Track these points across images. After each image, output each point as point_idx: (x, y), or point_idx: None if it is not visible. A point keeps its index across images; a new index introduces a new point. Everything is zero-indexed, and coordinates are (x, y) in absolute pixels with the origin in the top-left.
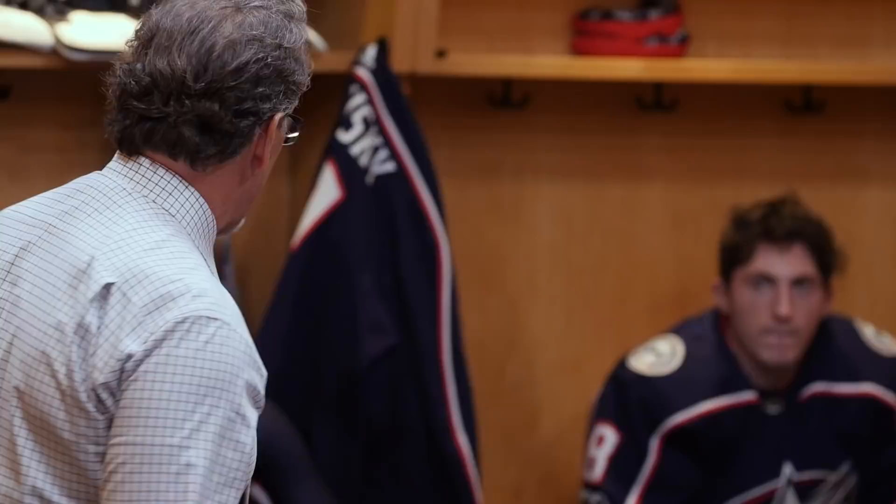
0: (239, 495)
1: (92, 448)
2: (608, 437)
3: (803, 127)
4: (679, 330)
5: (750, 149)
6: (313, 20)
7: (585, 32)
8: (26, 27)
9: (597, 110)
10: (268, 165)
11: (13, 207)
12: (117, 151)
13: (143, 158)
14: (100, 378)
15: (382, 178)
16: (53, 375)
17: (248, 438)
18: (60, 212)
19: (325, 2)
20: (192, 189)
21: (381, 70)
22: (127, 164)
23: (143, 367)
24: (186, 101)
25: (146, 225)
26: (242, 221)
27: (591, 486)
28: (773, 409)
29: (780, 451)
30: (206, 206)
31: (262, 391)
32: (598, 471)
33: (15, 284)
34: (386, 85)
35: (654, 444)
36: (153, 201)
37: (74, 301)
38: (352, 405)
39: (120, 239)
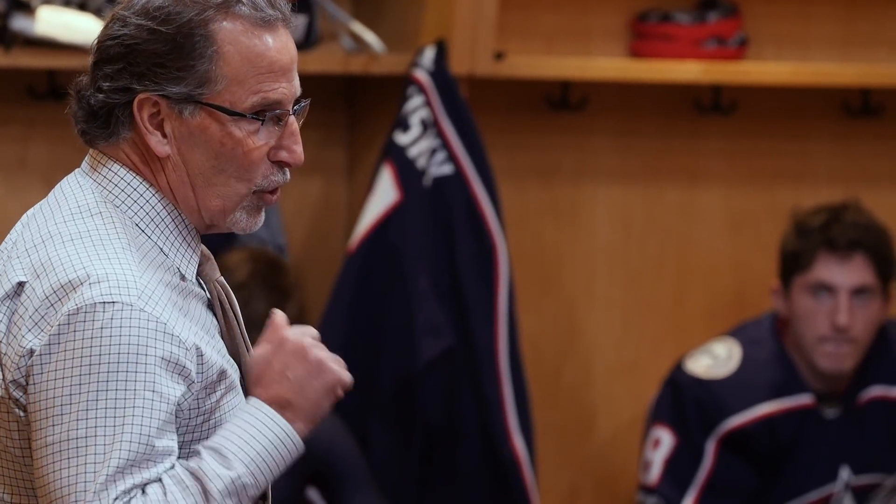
0: (167, 466)
1: (23, 442)
2: (664, 440)
3: (861, 130)
4: (736, 333)
5: (808, 152)
6: (372, 22)
7: (644, 35)
8: (85, 29)
9: (655, 113)
10: (194, 155)
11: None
12: None
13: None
14: (9, 375)
15: (440, 181)
16: None
17: (163, 414)
18: (32, 213)
19: (384, 4)
20: (124, 169)
21: (440, 72)
22: (87, 157)
23: (43, 364)
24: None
25: (79, 215)
26: (234, 217)
27: (648, 489)
28: (830, 412)
29: (837, 454)
30: (143, 184)
31: (188, 363)
32: (655, 473)
33: None
34: (444, 87)
35: (711, 447)
36: (98, 192)
37: None
38: (408, 407)
39: (46, 234)
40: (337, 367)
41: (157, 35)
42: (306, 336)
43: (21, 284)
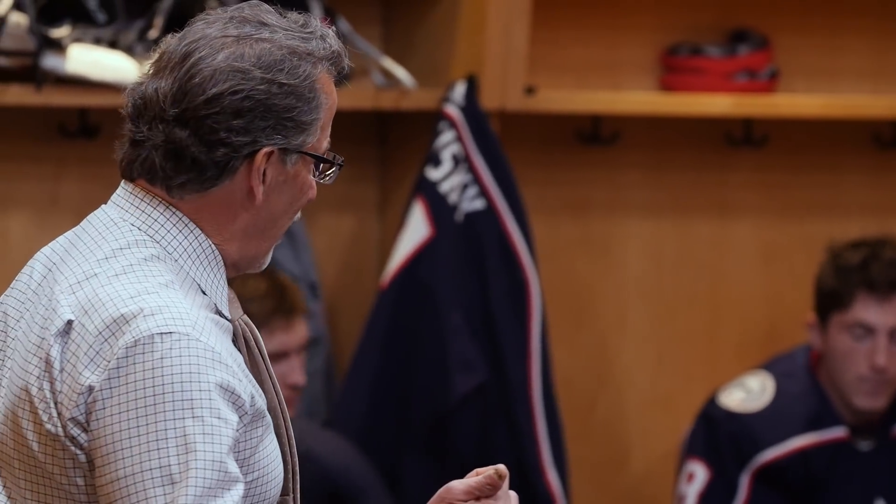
0: (240, 492)
1: (81, 480)
2: (698, 474)
3: (893, 161)
4: (769, 366)
5: (840, 184)
6: (402, 58)
7: (674, 68)
8: (116, 66)
9: (686, 146)
10: (279, 202)
11: (50, 244)
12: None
13: (132, 185)
14: (66, 413)
15: (472, 216)
16: (34, 412)
17: (229, 440)
18: (64, 250)
19: (415, 39)
20: (178, 213)
21: (471, 107)
22: (121, 193)
23: (105, 399)
24: (160, 126)
25: (121, 253)
26: (267, 258)
27: None
28: (863, 445)
29: (871, 487)
30: (196, 230)
31: (242, 395)
32: None
33: (18, 322)
34: (475, 122)
35: (745, 481)
36: (138, 228)
37: (43, 339)
38: (442, 443)
39: (90, 272)
40: None
41: (284, 89)
42: None
43: (69, 323)
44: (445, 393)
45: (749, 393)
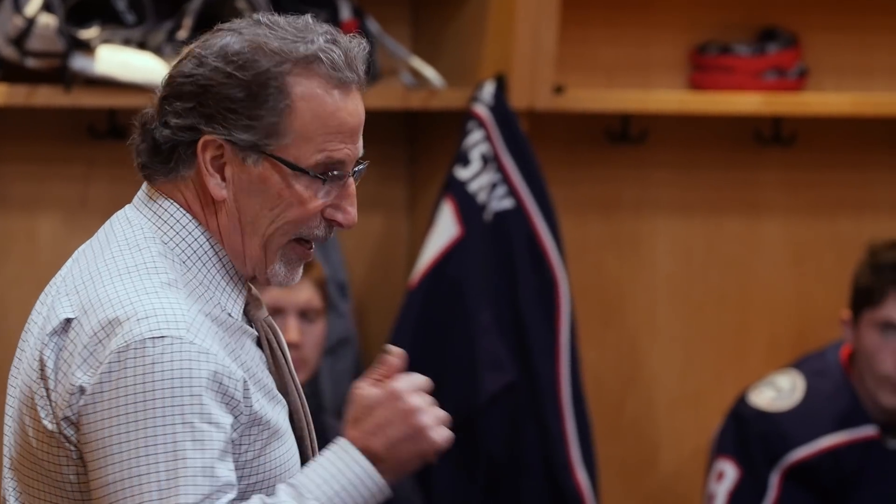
0: (232, 496)
1: (73, 477)
2: (728, 473)
3: None
4: (799, 365)
5: (870, 182)
6: (431, 58)
7: (703, 67)
8: (144, 67)
9: (715, 145)
10: (250, 204)
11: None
12: None
13: (146, 184)
14: (60, 413)
15: (501, 215)
16: (33, 408)
17: (221, 444)
18: (81, 251)
19: (443, 39)
20: (176, 206)
21: (499, 106)
22: (139, 192)
23: (96, 403)
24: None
25: (128, 251)
26: (272, 269)
27: None
28: (893, 444)
29: None
30: (199, 227)
31: (236, 393)
32: None
33: (31, 330)
34: (504, 121)
35: (775, 480)
36: (148, 227)
37: (41, 338)
38: (471, 441)
39: (94, 271)
40: (436, 436)
41: (232, 80)
42: (418, 393)
43: (68, 321)
44: (474, 392)
45: (779, 392)
